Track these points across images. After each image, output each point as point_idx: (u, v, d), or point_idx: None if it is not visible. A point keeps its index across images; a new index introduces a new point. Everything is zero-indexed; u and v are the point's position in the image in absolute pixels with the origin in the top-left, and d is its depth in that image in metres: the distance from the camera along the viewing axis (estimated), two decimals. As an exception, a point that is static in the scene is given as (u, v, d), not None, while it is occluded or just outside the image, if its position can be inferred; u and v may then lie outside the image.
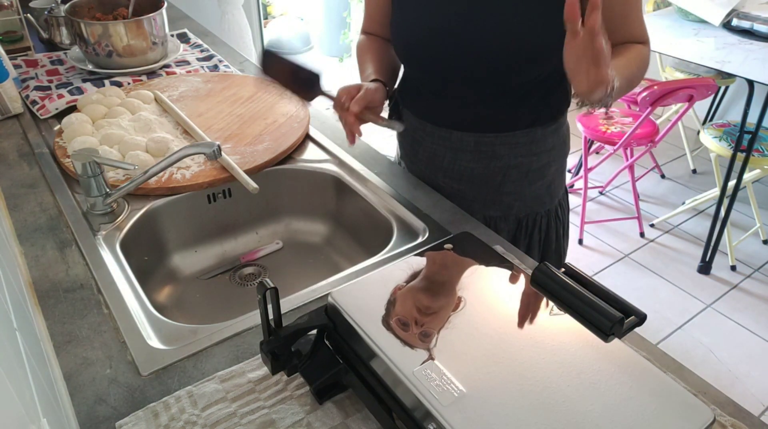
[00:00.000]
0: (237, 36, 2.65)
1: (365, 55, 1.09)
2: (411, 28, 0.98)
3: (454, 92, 1.01)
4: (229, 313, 0.91)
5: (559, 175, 1.12)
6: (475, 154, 1.05)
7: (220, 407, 0.66)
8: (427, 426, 0.52)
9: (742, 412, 0.66)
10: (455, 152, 1.06)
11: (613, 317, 0.57)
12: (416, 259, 0.71)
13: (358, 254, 1.10)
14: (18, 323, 0.57)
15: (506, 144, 1.03)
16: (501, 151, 1.04)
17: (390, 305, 0.63)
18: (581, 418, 0.51)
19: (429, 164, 1.11)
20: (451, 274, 0.68)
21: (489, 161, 1.05)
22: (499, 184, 1.07)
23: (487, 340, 0.58)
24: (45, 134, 1.21)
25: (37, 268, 0.87)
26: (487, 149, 1.04)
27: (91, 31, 1.37)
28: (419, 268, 0.69)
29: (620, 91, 0.87)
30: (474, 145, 1.04)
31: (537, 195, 1.09)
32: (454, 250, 0.72)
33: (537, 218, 1.11)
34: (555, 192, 1.12)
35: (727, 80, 2.67)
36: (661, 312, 2.24)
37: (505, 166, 1.05)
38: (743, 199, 2.76)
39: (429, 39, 0.96)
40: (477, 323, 0.61)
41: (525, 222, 1.10)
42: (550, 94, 1.01)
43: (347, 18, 3.90)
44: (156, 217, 1.04)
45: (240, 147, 1.13)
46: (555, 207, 1.13)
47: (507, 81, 0.96)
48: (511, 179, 1.06)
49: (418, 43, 0.98)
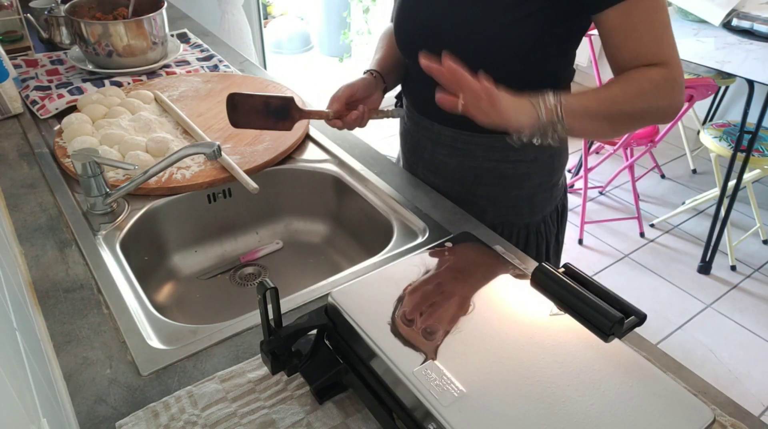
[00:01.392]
0: (237, 36, 2.65)
1: (381, 42, 1.11)
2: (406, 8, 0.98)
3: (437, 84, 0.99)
4: (229, 313, 0.91)
5: (544, 190, 1.07)
6: (451, 149, 1.04)
7: (220, 407, 0.66)
8: (427, 426, 0.52)
9: (742, 412, 0.66)
10: (435, 145, 1.06)
11: (613, 317, 0.57)
12: (416, 258, 0.71)
13: (358, 254, 1.10)
14: (18, 323, 0.57)
15: (482, 145, 1.01)
16: (476, 152, 1.02)
17: (398, 302, 0.63)
18: (581, 418, 0.51)
19: (412, 154, 1.12)
20: (451, 274, 0.68)
21: (463, 159, 1.04)
22: (471, 185, 1.05)
23: (487, 340, 0.58)
24: (45, 134, 1.21)
25: (37, 268, 0.87)
26: (463, 147, 1.02)
27: (91, 31, 1.37)
28: (420, 268, 0.69)
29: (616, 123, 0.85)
30: (451, 141, 1.03)
31: (514, 205, 1.06)
32: (455, 250, 0.72)
33: (513, 229, 1.08)
34: (539, 206, 1.08)
35: (727, 80, 2.67)
36: (661, 312, 2.24)
37: (477, 167, 1.03)
38: (743, 199, 2.76)
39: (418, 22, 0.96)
40: (477, 323, 0.61)
41: (500, 230, 1.06)
42: None
43: (347, 18, 3.90)
44: (156, 217, 1.04)
45: (240, 147, 1.13)
46: (538, 222, 1.09)
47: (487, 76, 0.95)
48: (484, 182, 1.04)
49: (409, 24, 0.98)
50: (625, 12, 0.82)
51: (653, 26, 0.83)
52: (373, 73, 1.04)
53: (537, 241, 1.11)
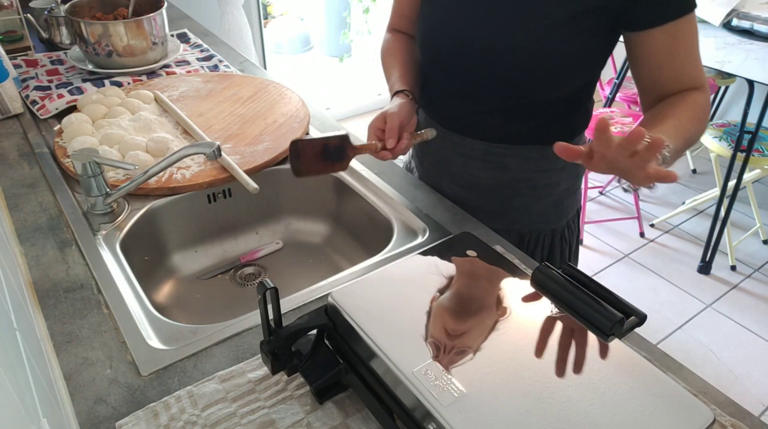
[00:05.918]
0: (237, 36, 2.65)
1: (391, 57, 1.06)
2: (438, 26, 0.95)
3: (470, 98, 0.98)
4: (229, 313, 0.91)
5: (569, 195, 1.07)
6: (484, 163, 1.02)
7: (220, 407, 0.66)
8: (427, 426, 0.52)
9: (742, 412, 0.66)
10: (465, 159, 1.03)
11: (613, 317, 0.57)
12: (417, 259, 0.71)
13: (358, 254, 1.10)
14: (18, 323, 0.57)
15: (516, 157, 1.00)
16: (511, 164, 1.01)
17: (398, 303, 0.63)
18: (581, 418, 0.51)
19: (436, 167, 1.09)
20: (451, 274, 0.68)
21: (498, 172, 1.02)
22: (507, 197, 1.04)
23: (487, 340, 0.58)
24: (45, 134, 1.21)
25: (37, 268, 0.87)
26: (496, 160, 1.01)
27: (91, 31, 1.37)
28: (420, 268, 0.69)
29: (678, 153, 0.78)
30: (483, 154, 1.01)
31: (544, 211, 1.06)
32: (455, 251, 0.72)
33: (540, 236, 1.08)
34: (564, 212, 1.08)
35: (727, 80, 2.67)
36: (661, 312, 2.24)
37: (514, 179, 1.02)
38: (743, 199, 2.76)
39: (454, 40, 0.92)
40: (477, 323, 0.61)
41: (527, 238, 1.07)
42: (569, 114, 0.98)
43: (347, 18, 3.90)
44: (156, 217, 1.04)
45: (240, 147, 1.13)
46: (562, 227, 1.09)
47: (525, 95, 0.92)
48: (520, 193, 1.03)
49: (442, 42, 0.95)
50: (672, 33, 0.82)
51: (693, 49, 0.84)
52: (407, 95, 0.97)
53: (561, 245, 1.11)
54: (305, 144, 0.89)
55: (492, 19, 0.88)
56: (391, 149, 0.90)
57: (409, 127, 0.93)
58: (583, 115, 1.01)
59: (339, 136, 0.90)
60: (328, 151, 0.90)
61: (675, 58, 0.84)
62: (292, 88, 1.37)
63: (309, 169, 0.90)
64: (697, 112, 0.83)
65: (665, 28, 0.82)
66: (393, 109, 0.91)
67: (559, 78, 0.89)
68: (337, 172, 0.98)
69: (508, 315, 0.62)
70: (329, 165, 0.92)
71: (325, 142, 0.89)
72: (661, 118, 0.81)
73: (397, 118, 0.90)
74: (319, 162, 0.90)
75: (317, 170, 0.92)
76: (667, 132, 0.76)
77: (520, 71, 0.88)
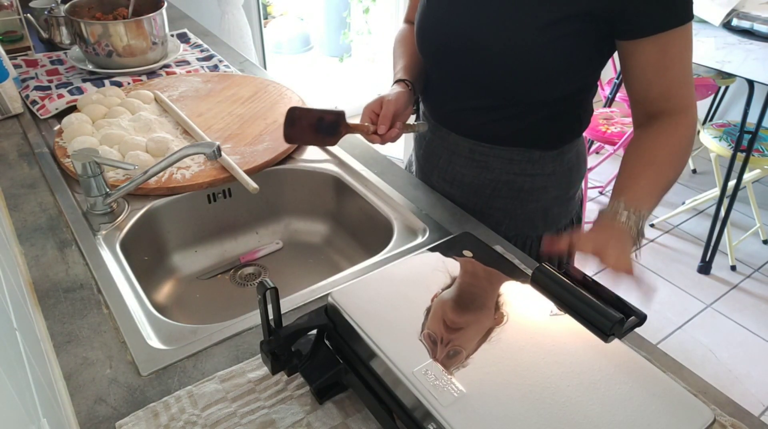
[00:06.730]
0: (237, 36, 2.65)
1: (401, 47, 1.08)
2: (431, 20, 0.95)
3: (458, 95, 0.99)
4: (229, 313, 0.91)
5: (560, 203, 1.06)
6: (468, 160, 1.02)
7: (220, 407, 0.66)
8: (427, 426, 0.52)
9: (742, 412, 0.66)
10: (451, 155, 1.04)
11: (613, 317, 0.57)
12: (417, 259, 0.71)
13: (358, 254, 1.10)
14: (18, 323, 0.57)
15: (500, 158, 1.00)
16: (493, 164, 1.01)
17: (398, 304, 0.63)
18: (581, 418, 0.51)
19: (427, 161, 1.10)
20: (451, 274, 0.68)
21: (480, 171, 1.02)
22: (488, 197, 1.04)
23: (487, 340, 0.58)
24: (45, 134, 1.21)
25: (37, 268, 0.87)
26: (481, 159, 1.01)
27: (91, 31, 1.37)
28: (420, 268, 0.69)
29: (656, 204, 0.83)
30: (468, 152, 1.02)
31: (529, 217, 1.05)
32: (455, 251, 0.72)
33: (527, 241, 1.07)
34: (553, 219, 1.07)
35: (727, 80, 2.66)
36: (661, 312, 2.24)
37: (495, 180, 1.02)
38: (743, 199, 2.76)
39: (445, 35, 0.93)
40: (477, 323, 0.61)
41: (513, 242, 1.05)
42: (557, 120, 0.97)
43: (347, 18, 3.90)
44: (156, 217, 1.04)
45: (240, 147, 1.13)
46: (552, 234, 1.07)
47: (512, 96, 0.93)
48: (501, 195, 1.03)
49: (434, 36, 0.96)
50: (663, 47, 0.81)
51: (684, 66, 0.83)
52: (408, 84, 0.99)
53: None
54: (302, 113, 0.93)
55: (484, 17, 0.88)
56: (381, 135, 0.93)
57: (403, 116, 0.95)
58: (573, 123, 1.00)
59: (336, 112, 0.94)
60: (322, 124, 0.94)
61: (664, 75, 0.83)
62: (292, 88, 1.37)
63: (300, 138, 0.96)
64: (678, 153, 0.84)
65: (655, 40, 0.80)
66: (390, 96, 0.94)
67: (545, 81, 0.89)
68: (327, 146, 1.00)
69: (508, 315, 0.62)
70: (320, 138, 0.96)
71: (320, 116, 0.94)
72: (641, 169, 0.83)
73: (392, 106, 0.93)
74: (311, 133, 0.95)
75: (307, 141, 0.97)
76: (645, 189, 0.80)
77: (508, 71, 0.89)
